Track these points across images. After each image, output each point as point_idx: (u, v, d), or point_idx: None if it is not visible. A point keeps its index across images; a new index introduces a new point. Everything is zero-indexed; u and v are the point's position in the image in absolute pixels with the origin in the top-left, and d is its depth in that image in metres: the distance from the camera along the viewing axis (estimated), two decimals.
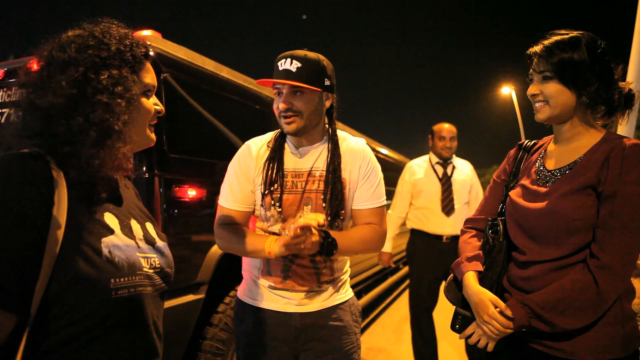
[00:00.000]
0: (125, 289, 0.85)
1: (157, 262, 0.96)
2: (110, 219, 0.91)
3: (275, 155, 1.52)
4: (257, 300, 1.53)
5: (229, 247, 1.52)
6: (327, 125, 1.58)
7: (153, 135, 1.02)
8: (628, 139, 1.18)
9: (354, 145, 1.55)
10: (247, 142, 1.59)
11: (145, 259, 0.93)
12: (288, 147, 1.55)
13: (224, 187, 1.56)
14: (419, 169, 3.39)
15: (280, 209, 1.48)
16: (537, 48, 1.25)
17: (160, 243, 1.02)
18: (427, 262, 3.20)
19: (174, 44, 2.37)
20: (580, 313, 1.15)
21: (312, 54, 1.47)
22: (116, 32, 0.93)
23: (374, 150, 5.46)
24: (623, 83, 1.26)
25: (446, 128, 3.32)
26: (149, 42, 2.17)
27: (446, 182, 3.27)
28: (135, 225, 0.97)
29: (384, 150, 6.46)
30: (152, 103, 1.00)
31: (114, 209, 0.94)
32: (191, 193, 2.25)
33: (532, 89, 1.27)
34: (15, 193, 0.75)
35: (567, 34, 1.23)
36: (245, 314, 1.56)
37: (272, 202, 1.48)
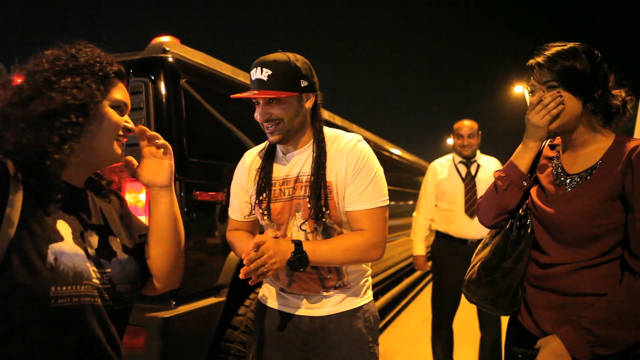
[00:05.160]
0: (67, 298, 0.84)
1: (112, 277, 0.95)
2: (62, 226, 0.90)
3: (264, 164, 1.51)
4: (272, 302, 1.56)
5: (236, 253, 1.60)
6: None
7: (119, 151, 1.01)
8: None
9: (344, 145, 1.44)
10: (245, 154, 1.61)
11: (96, 271, 0.92)
12: (278, 155, 1.53)
13: (230, 199, 1.62)
14: (442, 169, 3.29)
15: (269, 217, 1.47)
16: (539, 59, 1.26)
17: (122, 256, 1.01)
18: (451, 266, 3.11)
19: (192, 50, 2.40)
20: None
21: (282, 57, 1.37)
22: (90, 51, 0.97)
23: (385, 150, 5.47)
24: (616, 91, 1.27)
25: (465, 125, 3.18)
26: (167, 48, 2.20)
27: (470, 182, 3.14)
28: (93, 236, 0.96)
29: (396, 151, 6.44)
30: (123, 119, 1.01)
31: (69, 218, 0.93)
32: (211, 197, 2.26)
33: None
34: None
35: (564, 44, 1.25)
36: (263, 315, 1.59)
37: (262, 212, 1.47)
